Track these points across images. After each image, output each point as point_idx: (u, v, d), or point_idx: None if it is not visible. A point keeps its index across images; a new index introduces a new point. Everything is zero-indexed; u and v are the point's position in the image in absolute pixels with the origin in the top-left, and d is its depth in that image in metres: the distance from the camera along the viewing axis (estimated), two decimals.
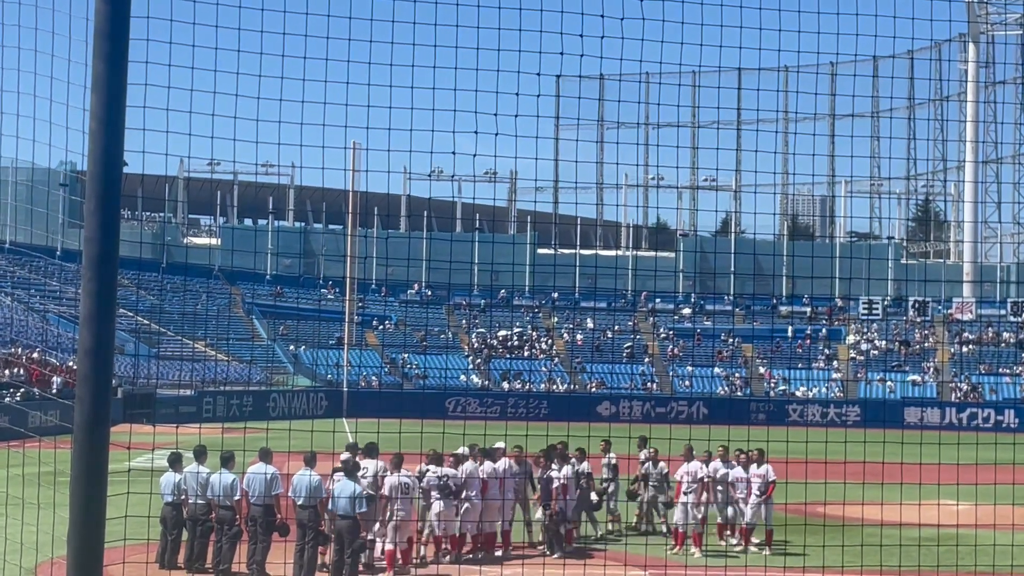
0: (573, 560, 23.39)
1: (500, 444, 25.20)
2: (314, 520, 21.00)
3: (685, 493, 25.09)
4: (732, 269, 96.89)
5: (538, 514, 25.04)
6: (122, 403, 57.69)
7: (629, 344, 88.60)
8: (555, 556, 23.74)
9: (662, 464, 27.18)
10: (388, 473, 22.73)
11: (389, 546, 22.00)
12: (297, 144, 15.55)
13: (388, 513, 22.09)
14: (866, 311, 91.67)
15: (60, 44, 12.56)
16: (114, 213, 7.13)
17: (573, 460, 25.32)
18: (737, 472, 25.65)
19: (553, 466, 24.46)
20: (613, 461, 27.66)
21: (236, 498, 21.50)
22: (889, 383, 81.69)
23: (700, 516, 24.87)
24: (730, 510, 25.67)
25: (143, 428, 42.49)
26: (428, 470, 23.57)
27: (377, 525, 22.14)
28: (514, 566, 22.49)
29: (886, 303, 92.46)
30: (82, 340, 7.09)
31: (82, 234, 7.20)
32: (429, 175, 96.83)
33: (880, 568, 20.34)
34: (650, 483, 27.00)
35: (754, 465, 25.52)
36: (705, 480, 25.26)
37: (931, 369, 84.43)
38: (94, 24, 7.16)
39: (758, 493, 25.22)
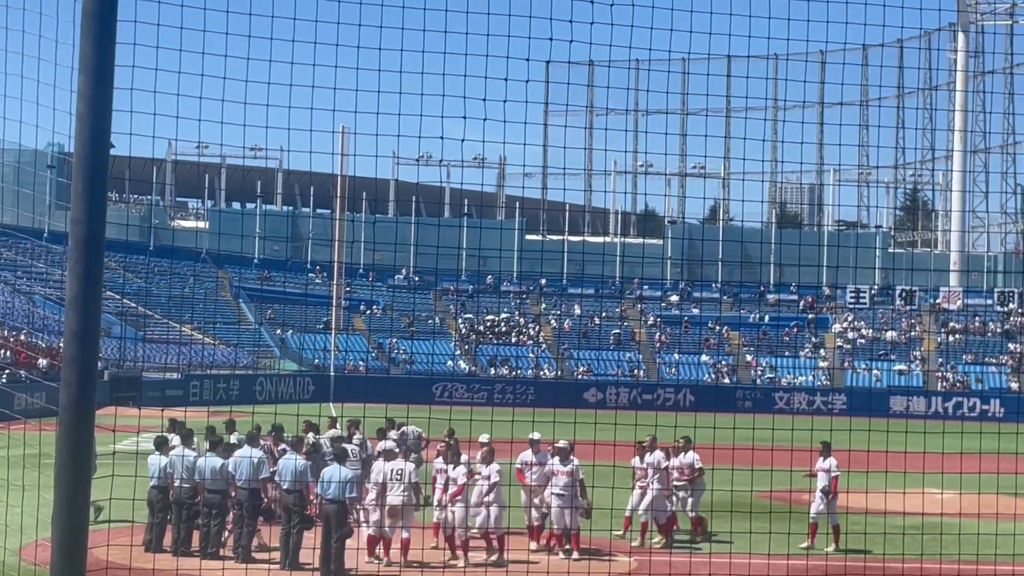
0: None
1: (536, 434, 23.95)
2: (300, 504, 21.00)
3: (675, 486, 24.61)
4: (720, 256, 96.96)
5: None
6: (108, 386, 57.63)
7: (617, 331, 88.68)
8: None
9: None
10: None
11: (371, 531, 21.78)
12: (285, 128, 15.48)
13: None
14: (853, 299, 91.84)
15: (48, 24, 12.51)
16: (101, 195, 7.11)
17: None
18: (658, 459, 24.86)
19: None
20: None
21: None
22: (875, 371, 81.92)
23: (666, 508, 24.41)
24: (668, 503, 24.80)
25: (129, 411, 42.43)
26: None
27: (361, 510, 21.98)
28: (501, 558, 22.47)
29: (873, 292, 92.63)
30: (68, 322, 7.07)
31: (69, 216, 7.17)
32: (417, 160, 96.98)
33: (864, 556, 20.41)
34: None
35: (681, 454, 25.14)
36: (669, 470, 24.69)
37: (917, 358, 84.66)
38: (82, 4, 7.13)
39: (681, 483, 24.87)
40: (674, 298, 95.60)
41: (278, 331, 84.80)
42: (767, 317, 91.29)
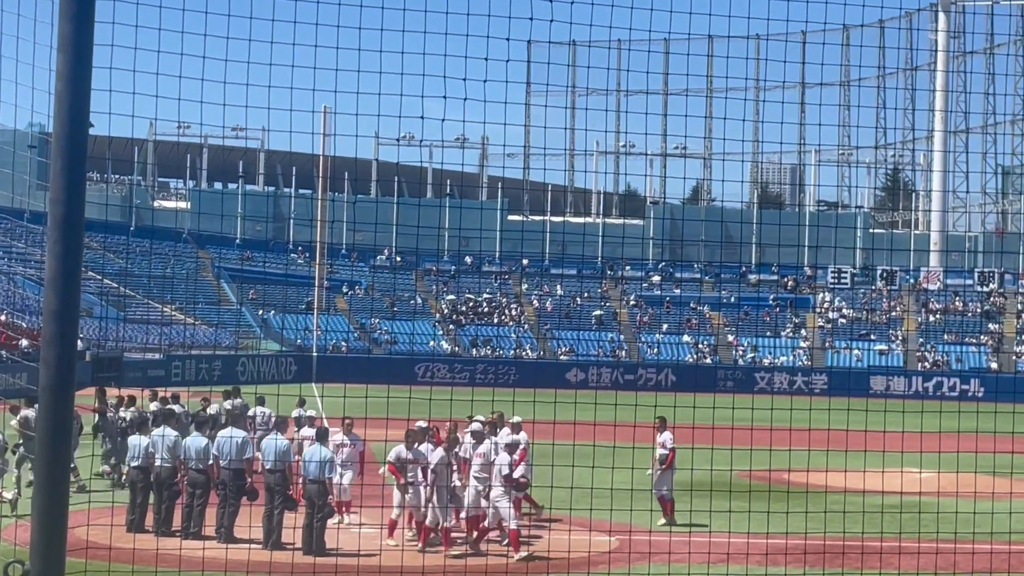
0: (539, 526, 23.38)
1: (477, 423, 23.29)
2: (282, 484, 21.02)
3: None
4: (702, 237, 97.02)
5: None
6: (90, 366, 57.49)
7: (599, 311, 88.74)
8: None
9: None
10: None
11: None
12: (266, 107, 15.42)
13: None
14: (834, 279, 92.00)
15: (26, 2, 12.46)
16: (80, 175, 7.10)
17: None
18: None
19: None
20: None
21: (208, 462, 21.52)
22: (856, 351, 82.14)
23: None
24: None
25: (110, 391, 42.32)
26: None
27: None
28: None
29: (854, 272, 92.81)
30: (47, 302, 7.06)
31: (48, 195, 7.17)
32: (398, 140, 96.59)
33: (843, 535, 20.50)
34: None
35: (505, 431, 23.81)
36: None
37: (898, 338, 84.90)
38: None
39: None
40: (656, 278, 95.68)
41: (260, 311, 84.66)
42: (734, 298, 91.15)
